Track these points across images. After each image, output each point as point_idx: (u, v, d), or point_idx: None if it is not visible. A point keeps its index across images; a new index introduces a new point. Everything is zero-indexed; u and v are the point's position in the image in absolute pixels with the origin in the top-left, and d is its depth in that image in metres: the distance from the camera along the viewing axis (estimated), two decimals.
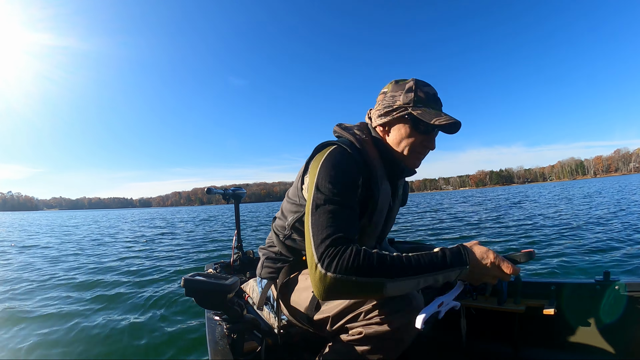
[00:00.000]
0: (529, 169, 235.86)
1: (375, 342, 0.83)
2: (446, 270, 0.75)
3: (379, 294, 0.72)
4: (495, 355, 1.38)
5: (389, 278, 0.71)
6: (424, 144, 0.97)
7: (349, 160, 0.89)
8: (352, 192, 0.86)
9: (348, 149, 0.92)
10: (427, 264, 0.74)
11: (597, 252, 4.28)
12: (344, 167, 0.87)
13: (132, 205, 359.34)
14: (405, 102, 0.94)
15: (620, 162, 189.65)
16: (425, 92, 0.95)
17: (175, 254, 5.85)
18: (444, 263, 0.75)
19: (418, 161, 1.01)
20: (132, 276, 4.12)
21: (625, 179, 62.40)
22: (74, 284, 3.76)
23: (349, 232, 0.78)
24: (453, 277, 0.77)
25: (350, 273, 0.70)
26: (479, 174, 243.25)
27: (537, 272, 3.60)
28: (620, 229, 5.82)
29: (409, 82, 0.96)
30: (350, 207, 0.83)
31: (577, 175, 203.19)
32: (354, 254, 0.72)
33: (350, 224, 0.80)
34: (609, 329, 1.22)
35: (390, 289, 0.72)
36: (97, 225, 16.15)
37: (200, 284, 0.92)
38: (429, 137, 0.97)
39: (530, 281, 1.41)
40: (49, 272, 4.50)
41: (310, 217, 0.81)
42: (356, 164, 0.90)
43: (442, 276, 0.75)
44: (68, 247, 7.40)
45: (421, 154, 0.99)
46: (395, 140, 0.98)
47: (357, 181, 0.88)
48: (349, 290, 0.72)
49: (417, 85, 0.95)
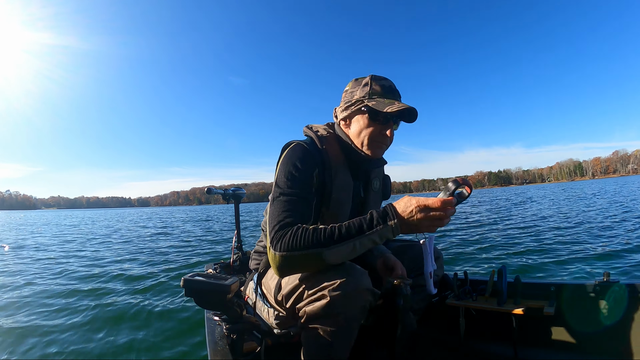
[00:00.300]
0: (527, 170, 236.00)
1: (319, 321, 0.87)
2: (376, 229, 0.82)
3: (321, 262, 0.83)
4: (494, 356, 1.38)
5: (325, 247, 0.82)
6: (382, 133, 1.04)
7: (304, 155, 1.00)
8: (304, 184, 0.96)
9: (305, 145, 1.02)
10: (358, 227, 0.83)
11: (598, 252, 4.28)
12: (298, 162, 0.98)
13: (131, 205, 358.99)
14: (362, 95, 1.04)
15: (618, 164, 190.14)
16: (381, 85, 1.04)
17: (175, 254, 5.85)
18: (372, 223, 0.83)
19: (379, 150, 1.07)
20: (131, 276, 4.11)
21: (623, 180, 62.51)
22: (70, 285, 3.75)
23: (297, 217, 0.90)
24: (387, 234, 0.83)
25: (291, 249, 0.83)
26: (477, 175, 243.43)
27: (537, 273, 3.61)
28: (621, 230, 5.83)
29: (366, 78, 1.06)
30: (300, 196, 0.94)
31: (575, 176, 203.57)
32: (293, 232, 0.84)
33: (298, 211, 0.91)
34: (609, 330, 1.22)
35: (329, 256, 0.82)
36: (94, 224, 16.13)
37: (200, 284, 0.92)
38: (386, 127, 1.03)
39: (530, 282, 1.40)
40: (44, 273, 4.49)
41: (269, 209, 0.96)
42: (312, 157, 1.00)
43: (376, 236, 0.83)
44: (67, 247, 7.39)
45: (380, 142, 1.06)
46: (355, 132, 1.06)
47: (311, 173, 0.98)
48: (296, 264, 0.85)
49: (373, 80, 1.05)
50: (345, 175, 1.07)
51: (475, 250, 5.03)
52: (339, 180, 1.05)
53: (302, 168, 0.97)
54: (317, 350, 0.91)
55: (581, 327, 1.27)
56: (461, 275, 1.55)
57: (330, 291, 0.84)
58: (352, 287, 0.85)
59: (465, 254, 4.79)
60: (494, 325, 1.42)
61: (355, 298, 0.86)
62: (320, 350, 0.90)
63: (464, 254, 4.84)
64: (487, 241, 5.82)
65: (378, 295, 0.92)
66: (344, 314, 0.86)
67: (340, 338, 0.89)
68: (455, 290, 1.47)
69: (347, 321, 0.87)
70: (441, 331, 1.54)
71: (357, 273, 0.88)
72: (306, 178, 0.97)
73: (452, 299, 1.45)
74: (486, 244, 5.49)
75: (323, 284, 0.86)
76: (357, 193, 1.15)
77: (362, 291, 0.87)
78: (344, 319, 0.87)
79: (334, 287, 0.84)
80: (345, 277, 0.85)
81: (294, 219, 0.89)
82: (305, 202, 0.94)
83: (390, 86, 1.05)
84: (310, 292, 0.89)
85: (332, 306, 0.85)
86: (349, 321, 0.87)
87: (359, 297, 0.86)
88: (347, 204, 1.09)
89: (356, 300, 0.86)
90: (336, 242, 0.82)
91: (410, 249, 1.35)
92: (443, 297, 1.49)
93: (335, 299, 0.84)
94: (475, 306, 1.39)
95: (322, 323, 0.88)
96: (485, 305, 1.36)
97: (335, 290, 0.84)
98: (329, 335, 0.88)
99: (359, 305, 0.87)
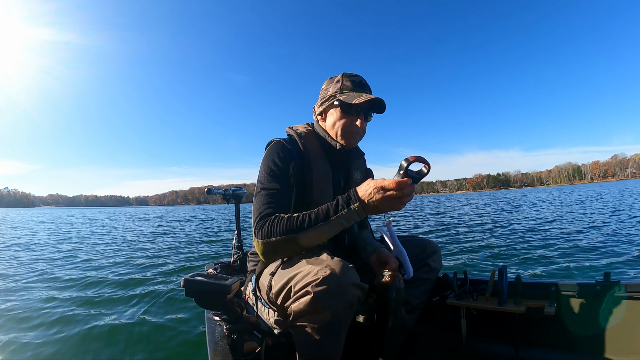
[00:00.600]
0: (526, 173, 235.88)
1: (306, 317, 0.88)
2: (341, 213, 0.90)
3: (297, 246, 0.94)
4: (495, 355, 1.38)
5: (298, 232, 0.92)
6: (353, 124, 1.14)
7: (281, 150, 1.11)
8: (282, 177, 1.07)
9: (284, 141, 1.14)
10: (325, 212, 0.92)
11: (598, 253, 4.29)
12: (275, 158, 1.09)
13: (129, 204, 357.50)
14: (334, 91, 1.15)
15: (617, 168, 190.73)
16: (352, 80, 1.15)
17: (175, 254, 5.84)
18: (338, 208, 0.91)
19: (352, 139, 1.17)
20: (131, 276, 4.11)
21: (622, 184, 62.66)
22: (69, 284, 3.74)
23: (275, 208, 1.00)
24: (352, 216, 0.91)
25: (270, 236, 0.95)
26: (476, 178, 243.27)
27: (537, 272, 3.61)
28: (621, 232, 5.84)
29: (338, 76, 1.17)
30: (279, 189, 1.05)
31: (574, 180, 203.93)
32: (271, 221, 0.96)
33: (277, 202, 1.02)
34: (610, 329, 1.22)
35: (303, 240, 0.93)
36: (94, 223, 16.12)
37: (200, 284, 0.92)
38: (356, 117, 1.13)
39: (531, 282, 1.41)
40: (44, 270, 4.48)
41: (253, 203, 1.06)
42: (289, 152, 1.11)
43: (342, 219, 0.91)
44: (65, 245, 7.38)
45: (352, 132, 1.15)
46: (330, 124, 1.18)
47: (287, 167, 1.09)
48: (276, 249, 0.96)
49: (344, 76, 1.16)
50: (323, 165, 1.17)
51: (475, 251, 5.03)
52: (318, 170, 1.15)
53: (279, 163, 1.08)
54: (307, 347, 0.91)
55: (582, 327, 1.27)
56: (461, 275, 1.55)
57: (314, 287, 0.84)
58: (336, 281, 0.85)
59: (464, 253, 4.79)
60: (494, 325, 1.42)
61: (341, 293, 0.85)
62: (310, 347, 0.90)
63: (463, 254, 4.84)
64: (487, 241, 5.83)
65: (366, 290, 0.93)
66: (330, 310, 0.85)
67: (328, 334, 0.88)
68: (456, 290, 1.47)
69: (334, 317, 0.87)
70: (442, 331, 1.54)
71: (342, 268, 0.88)
72: (283, 172, 1.08)
73: (452, 298, 1.45)
74: (486, 245, 5.50)
75: (308, 280, 0.86)
76: (338, 182, 1.23)
77: (347, 286, 0.86)
78: (330, 315, 0.86)
79: (317, 282, 0.84)
80: (329, 272, 0.85)
81: (272, 209, 1.00)
82: (283, 194, 1.05)
83: (360, 81, 1.15)
84: (296, 289, 0.89)
85: (316, 302, 0.85)
86: (336, 317, 0.87)
87: (345, 292, 0.86)
88: (327, 192, 1.16)
89: (341, 295, 0.85)
90: (307, 227, 0.92)
91: (406, 244, 1.35)
92: (443, 297, 1.49)
93: (318, 295, 0.84)
94: (476, 306, 1.39)
95: (309, 320, 0.88)
96: (486, 305, 1.36)
97: (319, 285, 0.84)
98: (317, 332, 0.88)
99: (346, 300, 0.86)
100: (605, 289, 1.23)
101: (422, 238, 1.38)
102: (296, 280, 0.90)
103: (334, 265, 0.88)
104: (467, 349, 1.43)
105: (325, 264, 0.89)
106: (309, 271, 0.88)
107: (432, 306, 1.50)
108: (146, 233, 10.32)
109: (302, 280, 0.88)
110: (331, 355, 0.91)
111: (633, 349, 1.17)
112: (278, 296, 0.97)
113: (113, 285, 3.62)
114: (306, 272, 0.89)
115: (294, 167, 1.10)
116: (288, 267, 1.01)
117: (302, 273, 0.90)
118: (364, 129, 1.16)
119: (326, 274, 0.85)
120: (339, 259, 0.92)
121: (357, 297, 0.90)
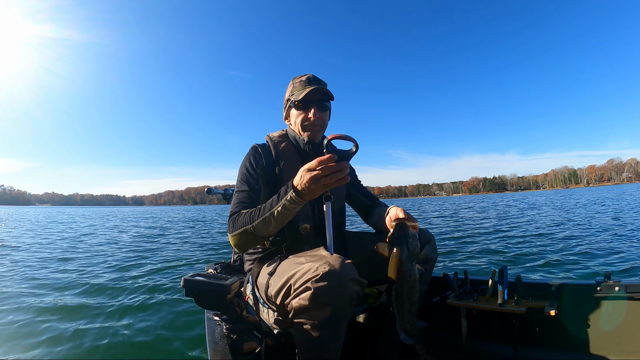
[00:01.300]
0: (522, 177, 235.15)
1: (306, 314, 0.88)
2: (282, 201, 0.98)
3: (254, 236, 1.05)
4: (495, 355, 1.37)
5: (251, 224, 1.03)
6: (307, 117, 1.23)
7: (252, 156, 1.24)
8: (251, 179, 1.19)
9: (258, 146, 1.27)
10: (271, 203, 1.02)
11: (598, 253, 4.30)
12: (247, 163, 1.23)
13: (125, 203, 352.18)
14: (288, 95, 1.28)
15: (613, 172, 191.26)
16: (299, 80, 1.26)
17: (175, 254, 5.84)
18: (278, 198, 1.00)
19: (312, 133, 1.25)
20: (131, 276, 4.10)
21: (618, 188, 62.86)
22: (69, 284, 3.74)
23: (243, 207, 1.12)
24: (292, 203, 0.96)
25: (234, 230, 1.07)
26: (472, 181, 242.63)
27: (538, 273, 3.61)
28: (621, 232, 5.85)
29: (290, 81, 1.30)
30: (247, 190, 1.17)
31: (570, 184, 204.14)
32: (235, 218, 1.09)
33: (245, 201, 1.14)
34: (610, 330, 1.22)
35: (257, 230, 1.03)
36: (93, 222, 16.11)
37: (200, 284, 0.91)
38: (308, 111, 1.22)
39: (531, 282, 1.40)
40: (45, 271, 4.48)
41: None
42: (259, 155, 1.24)
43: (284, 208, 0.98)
44: (65, 245, 7.37)
45: (310, 125, 1.23)
46: (293, 124, 1.28)
47: (256, 169, 1.21)
48: (239, 240, 1.08)
49: (294, 80, 1.28)
50: (295, 162, 1.24)
51: (475, 250, 5.04)
52: (287, 167, 1.23)
53: (249, 167, 1.21)
54: (307, 344, 0.91)
55: (582, 327, 1.27)
56: (462, 275, 1.55)
57: (314, 282, 0.85)
58: (336, 277, 0.85)
59: (464, 253, 4.80)
60: (495, 325, 1.42)
61: (340, 288, 0.86)
62: (310, 344, 0.90)
63: (463, 253, 4.85)
64: (487, 241, 5.83)
65: (365, 285, 0.93)
66: (330, 305, 0.86)
67: (328, 330, 0.89)
68: (456, 290, 1.47)
69: (334, 312, 0.87)
70: (442, 331, 1.54)
71: (341, 264, 0.88)
72: (253, 175, 1.20)
73: (453, 299, 1.45)
74: (486, 244, 5.50)
75: (308, 276, 0.87)
76: None
77: (346, 281, 0.87)
78: (330, 311, 0.86)
79: (317, 278, 0.85)
80: (329, 268, 0.86)
81: (240, 209, 1.12)
82: (250, 195, 1.16)
83: (308, 78, 1.25)
84: (296, 286, 0.89)
85: (317, 297, 0.85)
86: (336, 312, 0.87)
87: (344, 288, 0.86)
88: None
89: (341, 291, 0.86)
90: (257, 218, 1.03)
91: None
92: (444, 297, 1.49)
93: (319, 290, 0.84)
94: (476, 306, 1.39)
95: (309, 316, 0.88)
96: (486, 305, 1.36)
97: (319, 281, 0.85)
98: (317, 328, 0.88)
99: (345, 295, 0.87)
100: (606, 290, 1.23)
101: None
102: (296, 277, 0.91)
103: (333, 261, 0.89)
104: (467, 349, 1.43)
105: (324, 260, 0.90)
106: (309, 268, 0.89)
107: (433, 306, 1.50)
108: (145, 233, 10.31)
109: (302, 277, 0.88)
110: (331, 351, 0.91)
111: (633, 349, 1.17)
112: (278, 294, 0.97)
113: (113, 286, 3.61)
114: (306, 269, 0.89)
115: (263, 168, 1.22)
116: (287, 265, 1.02)
117: (301, 270, 0.90)
118: (321, 118, 1.23)
119: (326, 270, 0.86)
120: (337, 255, 0.93)
121: (357, 292, 0.90)
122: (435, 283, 1.53)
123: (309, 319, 0.88)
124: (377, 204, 1.42)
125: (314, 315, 0.87)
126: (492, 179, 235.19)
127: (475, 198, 64.26)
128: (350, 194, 1.45)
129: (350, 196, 1.46)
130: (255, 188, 1.18)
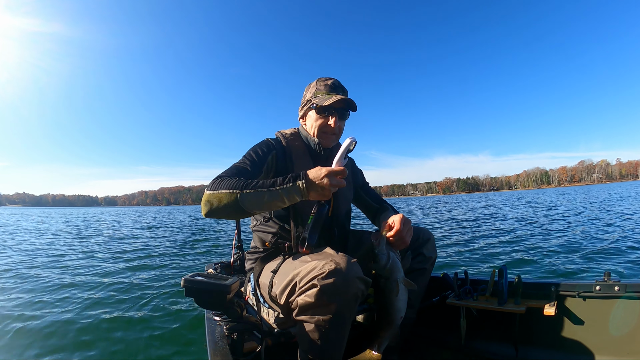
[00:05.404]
0: (495, 177, 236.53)
1: (312, 311, 0.89)
2: (285, 186, 0.94)
3: (236, 203, 0.96)
4: (495, 355, 1.37)
5: (242, 189, 0.96)
6: (327, 124, 1.21)
7: (265, 145, 1.22)
8: (254, 161, 1.15)
9: (270, 139, 1.26)
10: (272, 182, 0.97)
11: (598, 254, 4.29)
12: (257, 148, 1.20)
13: (97, 204, 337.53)
14: (310, 95, 1.24)
15: (584, 173, 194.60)
16: (325, 84, 1.22)
17: (175, 254, 5.84)
18: (284, 181, 0.96)
19: (327, 140, 1.24)
20: (131, 276, 4.11)
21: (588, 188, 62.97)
22: (69, 284, 3.74)
23: (235, 174, 1.07)
24: (294, 192, 0.94)
25: (217, 188, 0.98)
26: (446, 181, 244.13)
27: (538, 272, 3.61)
28: (622, 233, 5.84)
29: (314, 82, 1.26)
30: (247, 167, 1.11)
31: (541, 184, 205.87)
32: (222, 178, 1.01)
33: (239, 173, 1.08)
34: (610, 329, 1.22)
35: (243, 199, 0.95)
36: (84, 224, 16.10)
37: (200, 284, 0.92)
38: (329, 118, 1.21)
39: (531, 282, 1.40)
40: (46, 269, 4.48)
41: None
42: (270, 146, 1.21)
43: (284, 192, 0.94)
44: (64, 245, 7.37)
45: (327, 132, 1.23)
46: (309, 126, 1.26)
47: (266, 157, 1.18)
48: (215, 201, 0.98)
49: (318, 81, 1.24)
50: (306, 161, 1.24)
51: (475, 250, 5.03)
52: (299, 164, 1.22)
53: (259, 152, 1.19)
54: (310, 342, 0.91)
55: (582, 327, 1.27)
56: (461, 275, 1.55)
57: (320, 280, 0.86)
58: (342, 275, 0.86)
59: (464, 253, 4.79)
60: (494, 325, 1.42)
61: (346, 286, 0.87)
62: (315, 341, 0.90)
63: (463, 253, 4.84)
64: (487, 242, 5.83)
65: (370, 284, 0.94)
66: (336, 303, 0.87)
67: (333, 328, 0.89)
68: (456, 290, 1.47)
69: (340, 310, 0.88)
70: (442, 331, 1.54)
71: (347, 262, 0.90)
72: (260, 159, 1.17)
73: (452, 298, 1.45)
74: (486, 245, 5.50)
75: (314, 274, 0.88)
76: None
77: (352, 279, 0.88)
78: (336, 308, 0.87)
79: (324, 275, 0.86)
80: (335, 266, 0.87)
81: (234, 173, 1.07)
82: (250, 170, 1.11)
83: (333, 83, 1.23)
84: (302, 283, 0.90)
85: (323, 295, 0.86)
86: (341, 310, 0.88)
87: (350, 285, 0.87)
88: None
89: (347, 288, 0.87)
90: (251, 189, 0.96)
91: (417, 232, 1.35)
92: (444, 296, 1.49)
93: (325, 288, 0.85)
94: (476, 306, 1.39)
95: (315, 313, 0.89)
96: (486, 305, 1.36)
97: (325, 278, 0.86)
98: (323, 326, 0.89)
99: (351, 293, 0.88)
100: (605, 289, 1.23)
101: (414, 225, 1.37)
102: (301, 275, 0.91)
103: (339, 259, 0.90)
104: (467, 348, 1.43)
105: (330, 258, 0.91)
106: (315, 265, 0.89)
107: (432, 306, 1.50)
108: (141, 235, 10.31)
109: (308, 274, 0.89)
110: (335, 349, 0.91)
111: (633, 349, 1.17)
112: (282, 293, 0.97)
113: (112, 286, 3.61)
114: (312, 266, 0.90)
115: (274, 158, 1.20)
116: (292, 263, 1.02)
117: (307, 268, 0.91)
118: (339, 127, 1.23)
119: (332, 267, 0.87)
120: (343, 254, 0.93)
121: (362, 290, 0.91)
122: (435, 283, 1.53)
123: (315, 316, 0.89)
124: (384, 208, 1.42)
125: (319, 312, 0.88)
126: (465, 179, 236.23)
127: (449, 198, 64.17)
128: (358, 197, 1.45)
129: (358, 198, 1.46)
130: (256, 168, 1.15)
